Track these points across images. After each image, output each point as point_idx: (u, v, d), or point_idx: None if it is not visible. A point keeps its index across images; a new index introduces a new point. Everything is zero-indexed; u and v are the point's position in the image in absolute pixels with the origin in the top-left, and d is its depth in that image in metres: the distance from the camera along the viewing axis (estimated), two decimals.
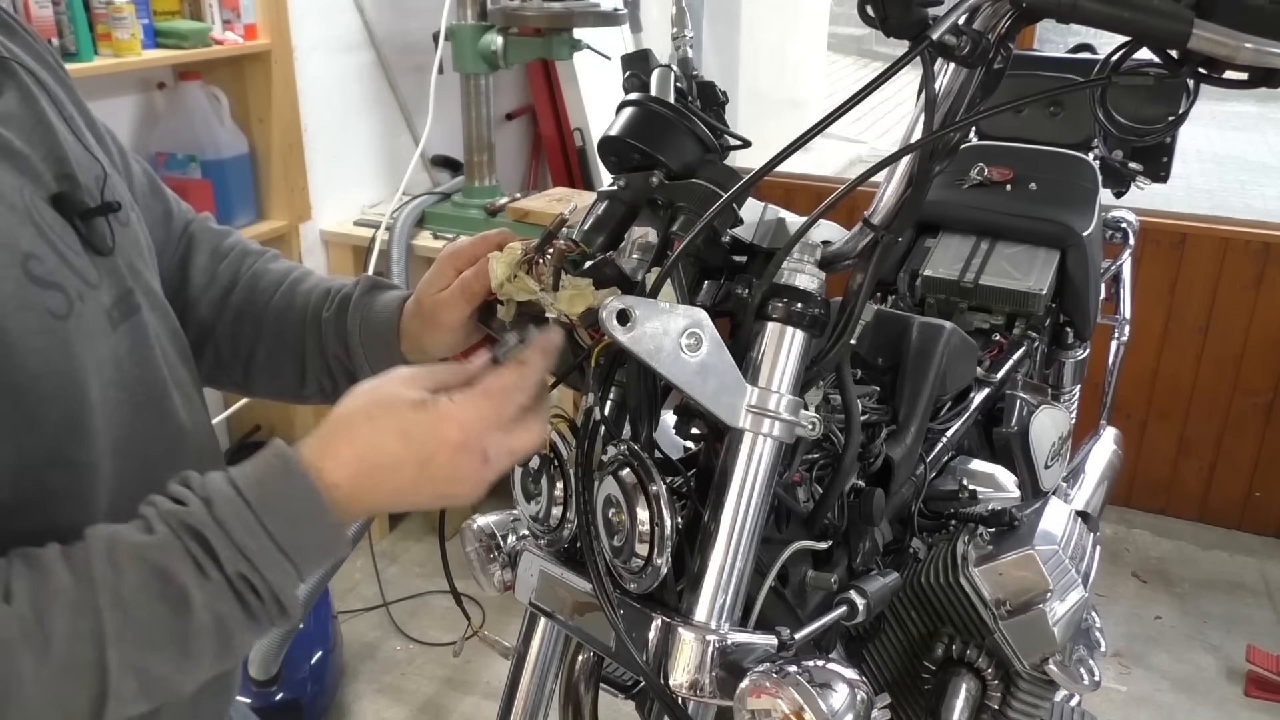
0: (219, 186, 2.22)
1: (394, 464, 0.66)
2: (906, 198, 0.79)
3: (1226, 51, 0.64)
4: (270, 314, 0.95)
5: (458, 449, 0.67)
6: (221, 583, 0.61)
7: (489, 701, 2.27)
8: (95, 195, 0.74)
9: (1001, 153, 1.80)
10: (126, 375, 0.73)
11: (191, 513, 0.61)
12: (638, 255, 0.84)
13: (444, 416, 0.67)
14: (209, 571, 0.61)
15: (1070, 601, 1.02)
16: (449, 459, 0.67)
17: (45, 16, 1.79)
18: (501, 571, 0.98)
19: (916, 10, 0.71)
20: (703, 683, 0.77)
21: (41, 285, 0.65)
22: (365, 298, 0.92)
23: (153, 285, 0.81)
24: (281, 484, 0.63)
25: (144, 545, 0.60)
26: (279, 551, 0.62)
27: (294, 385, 0.96)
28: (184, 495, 0.63)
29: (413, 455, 0.66)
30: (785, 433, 0.79)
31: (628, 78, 0.97)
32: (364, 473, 0.66)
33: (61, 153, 0.72)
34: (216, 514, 0.61)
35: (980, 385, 1.37)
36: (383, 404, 0.68)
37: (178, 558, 0.60)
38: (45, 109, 0.73)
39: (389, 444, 0.66)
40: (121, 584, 0.59)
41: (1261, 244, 2.74)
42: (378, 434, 0.66)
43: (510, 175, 3.24)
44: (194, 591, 0.60)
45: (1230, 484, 2.94)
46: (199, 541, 0.61)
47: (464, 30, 2.44)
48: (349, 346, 0.92)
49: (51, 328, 0.65)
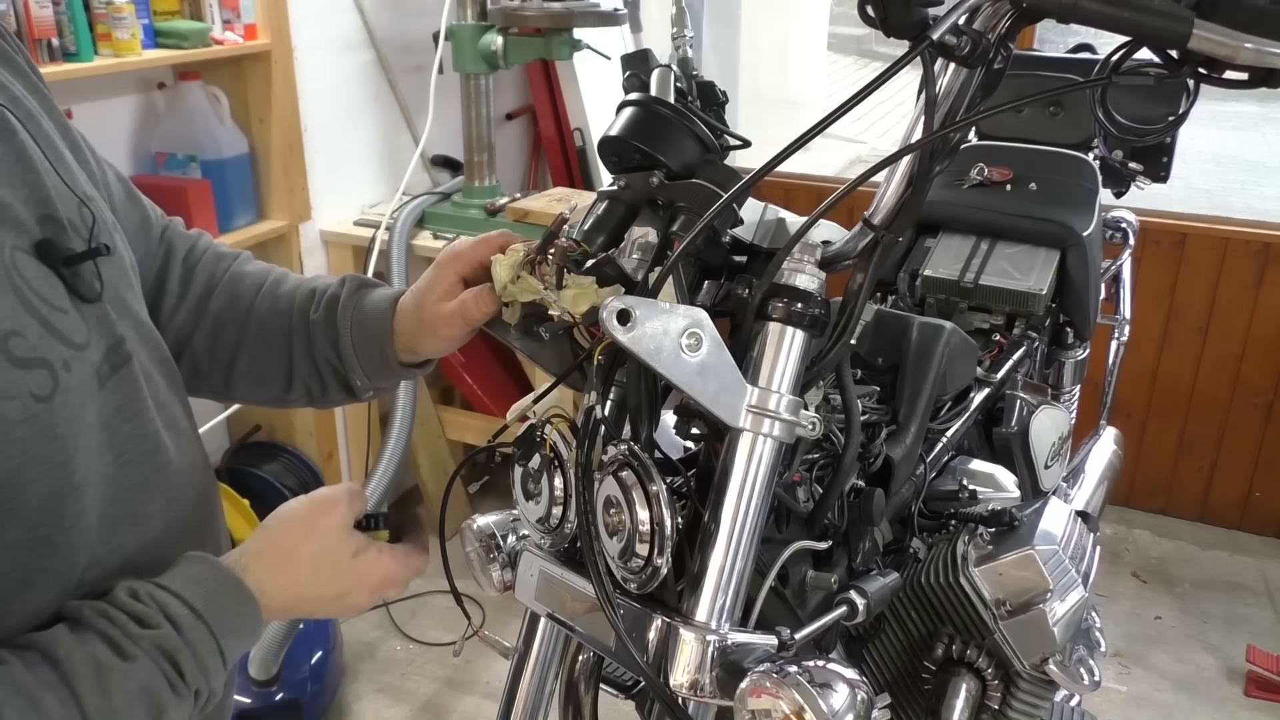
0: (219, 186, 2.22)
1: (318, 596, 0.78)
2: (906, 198, 0.79)
3: (1226, 51, 0.64)
4: (253, 319, 0.93)
5: (371, 591, 0.80)
6: (187, 698, 0.68)
7: (489, 701, 2.27)
8: (81, 232, 0.71)
9: (1001, 153, 1.80)
10: (116, 434, 0.72)
11: (165, 636, 0.67)
12: (638, 255, 0.84)
13: (372, 566, 0.80)
14: (179, 690, 0.67)
15: (1070, 601, 1.02)
16: (359, 597, 0.80)
17: (45, 16, 1.79)
18: (501, 571, 0.98)
19: (916, 10, 0.71)
20: (703, 683, 0.77)
21: (24, 366, 0.63)
22: (354, 298, 0.91)
23: (141, 315, 0.79)
24: (235, 605, 0.72)
25: (129, 671, 0.65)
26: (224, 667, 0.71)
27: (279, 391, 0.95)
28: (149, 616, 0.67)
29: (335, 590, 0.78)
30: (785, 433, 0.79)
31: (628, 78, 0.97)
32: (293, 602, 0.76)
33: (44, 193, 0.69)
34: (186, 637, 0.68)
35: (980, 385, 1.37)
36: (326, 550, 0.78)
37: (157, 681, 0.66)
38: (25, 142, 0.70)
39: (322, 583, 0.77)
40: (111, 709, 0.63)
41: (1261, 244, 2.74)
42: (316, 574, 0.77)
43: (510, 175, 3.24)
44: (169, 709, 0.67)
45: (1230, 484, 2.94)
46: (172, 664, 0.67)
47: (464, 30, 2.44)
48: (340, 350, 0.91)
49: (34, 413, 0.63)
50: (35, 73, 0.78)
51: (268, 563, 0.75)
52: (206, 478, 0.84)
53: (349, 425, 2.70)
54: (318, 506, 0.79)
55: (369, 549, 0.80)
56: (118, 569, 0.71)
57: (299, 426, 2.55)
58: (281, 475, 2.47)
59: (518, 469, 0.88)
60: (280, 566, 0.75)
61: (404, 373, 0.93)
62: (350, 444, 2.72)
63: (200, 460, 0.83)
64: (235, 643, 0.71)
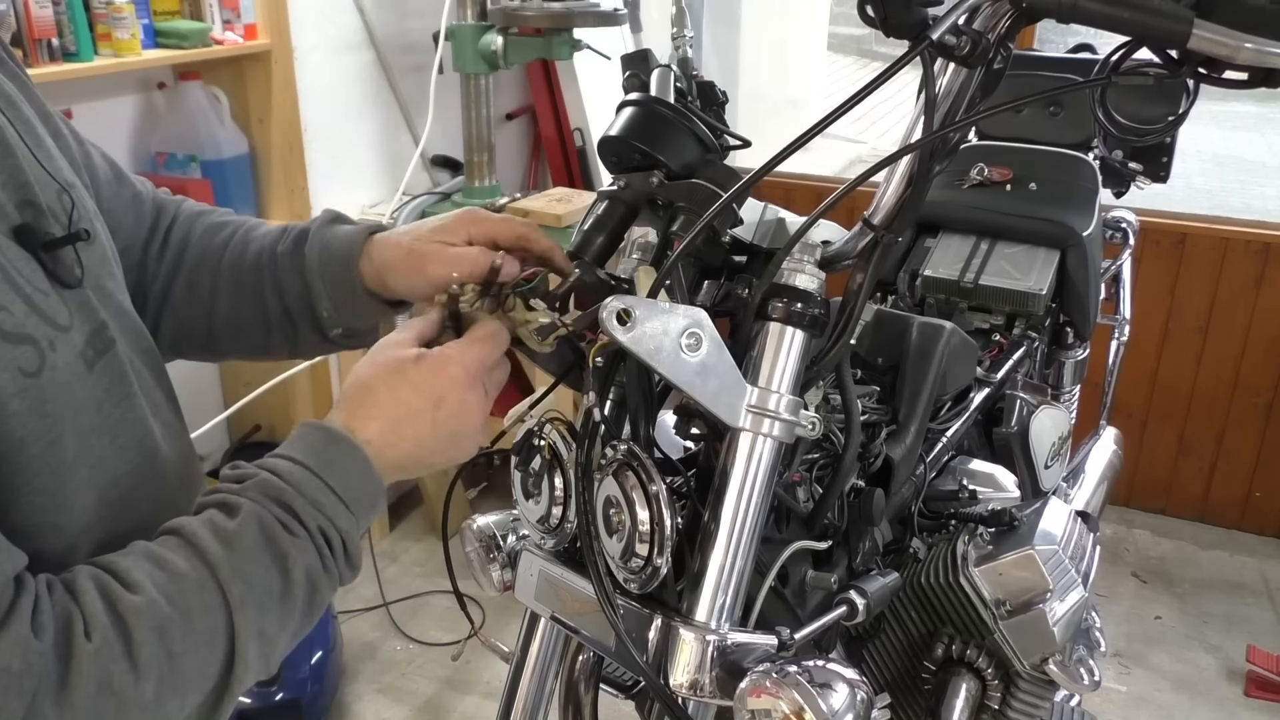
0: (219, 186, 2.22)
1: (412, 413, 0.74)
2: (906, 198, 0.79)
3: (1226, 51, 0.64)
4: (226, 262, 0.91)
5: (463, 386, 0.75)
6: (306, 538, 0.67)
7: (489, 701, 2.27)
8: (61, 217, 0.71)
9: (1001, 153, 1.80)
10: (108, 418, 0.71)
11: (265, 481, 0.67)
12: (638, 255, 0.84)
13: (446, 361, 0.75)
14: (295, 530, 0.67)
15: (1070, 601, 1.02)
16: (458, 396, 0.75)
17: (45, 16, 1.79)
18: (501, 571, 0.99)
19: (916, 10, 0.71)
20: (703, 683, 0.77)
21: (12, 341, 0.63)
22: (326, 228, 0.90)
23: (123, 304, 0.79)
24: (330, 448, 0.71)
25: (241, 520, 0.65)
26: (343, 504, 0.69)
27: (260, 337, 0.93)
28: (247, 473, 0.68)
29: (426, 400, 0.74)
30: (785, 433, 0.79)
31: (628, 78, 0.97)
32: (389, 427, 0.73)
33: (23, 177, 0.69)
34: (286, 479, 0.68)
35: (980, 385, 1.37)
36: (389, 367, 0.75)
37: (268, 521, 0.66)
38: (3, 128, 0.69)
39: (404, 396, 0.74)
40: (234, 556, 0.64)
41: (1261, 244, 2.74)
42: (393, 392, 0.74)
43: (510, 175, 3.24)
44: (290, 550, 0.66)
45: (1230, 484, 2.94)
46: (280, 505, 0.67)
47: (464, 30, 2.44)
48: (306, 279, 0.89)
49: (24, 388, 0.63)
50: (13, 59, 0.78)
51: (345, 406, 0.74)
52: (193, 468, 0.84)
53: None
54: (374, 350, 0.78)
55: (429, 353, 0.76)
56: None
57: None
58: None
59: (516, 472, 0.88)
60: (359, 402, 0.74)
61: (372, 306, 0.90)
62: None
63: (187, 450, 0.83)
64: (345, 482, 0.70)
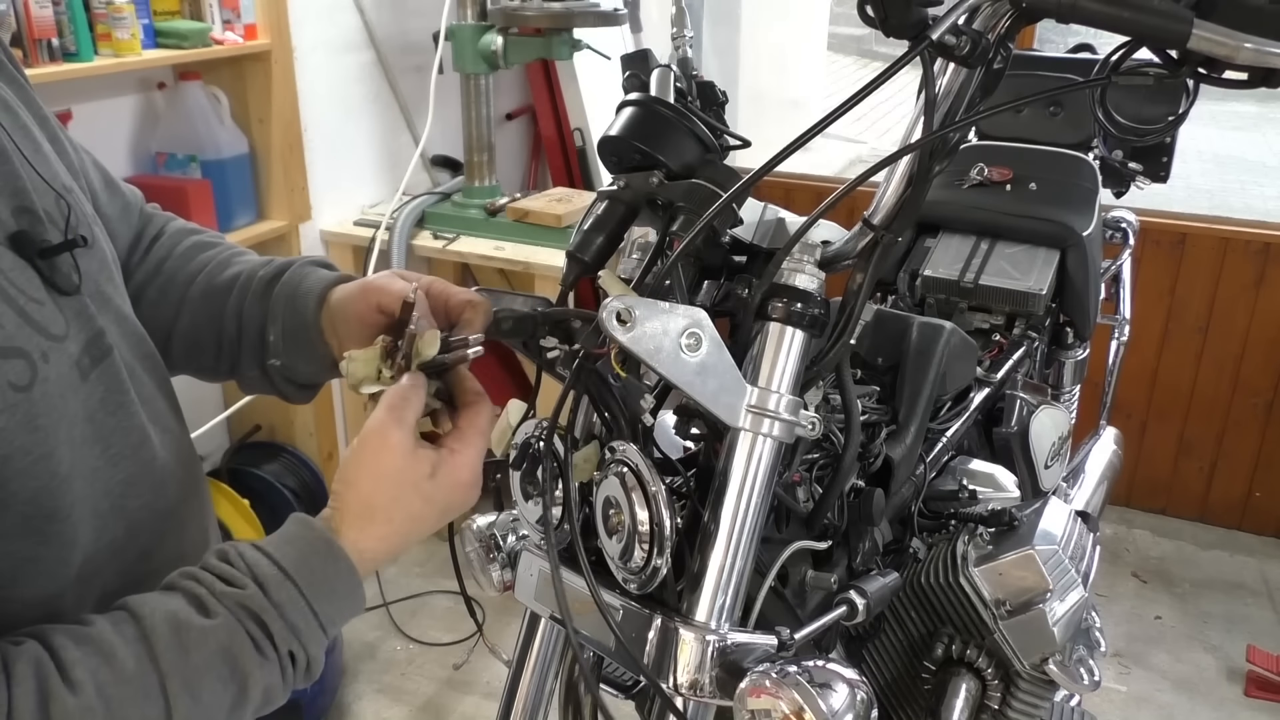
0: (219, 186, 2.22)
1: (421, 523, 0.74)
2: (906, 198, 0.79)
3: (1226, 51, 0.64)
4: (199, 279, 0.90)
5: (469, 488, 0.76)
6: (274, 661, 0.65)
7: (489, 701, 2.27)
8: (58, 224, 0.70)
9: (1001, 153, 1.80)
10: (101, 427, 0.71)
11: (250, 596, 0.65)
12: (638, 255, 0.84)
13: (456, 468, 0.74)
14: (265, 652, 0.65)
15: (1070, 601, 1.02)
16: (462, 497, 0.76)
17: (45, 16, 1.79)
18: (501, 571, 0.98)
19: (916, 10, 0.71)
20: (703, 683, 0.77)
21: (1, 356, 0.62)
22: (309, 266, 0.89)
23: (123, 309, 0.78)
24: (327, 567, 0.69)
25: (210, 629, 0.63)
26: (321, 629, 0.68)
27: (210, 360, 0.90)
28: (235, 577, 0.66)
29: (437, 510, 0.74)
30: (785, 433, 0.79)
31: (628, 78, 0.97)
32: (398, 542, 0.73)
33: (19, 184, 0.68)
34: (273, 598, 0.65)
35: (980, 385, 1.37)
36: (401, 482, 0.72)
37: (240, 640, 0.64)
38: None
39: (416, 510, 0.73)
40: (189, 668, 0.62)
41: (1261, 244, 2.74)
42: (406, 509, 0.73)
43: (510, 175, 3.24)
44: (254, 672, 0.64)
45: (1230, 484, 2.94)
46: (258, 624, 0.65)
47: (464, 30, 2.44)
48: (270, 304, 0.87)
49: (13, 403, 0.62)
50: (13, 63, 0.77)
51: (353, 521, 0.71)
52: (194, 473, 0.83)
53: (349, 425, 2.70)
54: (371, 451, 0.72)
55: (442, 461, 0.74)
56: (109, 562, 0.71)
57: (299, 426, 2.55)
58: (281, 475, 2.47)
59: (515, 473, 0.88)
60: (369, 521, 0.71)
61: (318, 345, 0.86)
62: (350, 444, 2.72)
63: (187, 455, 0.82)
64: (330, 605, 0.68)
